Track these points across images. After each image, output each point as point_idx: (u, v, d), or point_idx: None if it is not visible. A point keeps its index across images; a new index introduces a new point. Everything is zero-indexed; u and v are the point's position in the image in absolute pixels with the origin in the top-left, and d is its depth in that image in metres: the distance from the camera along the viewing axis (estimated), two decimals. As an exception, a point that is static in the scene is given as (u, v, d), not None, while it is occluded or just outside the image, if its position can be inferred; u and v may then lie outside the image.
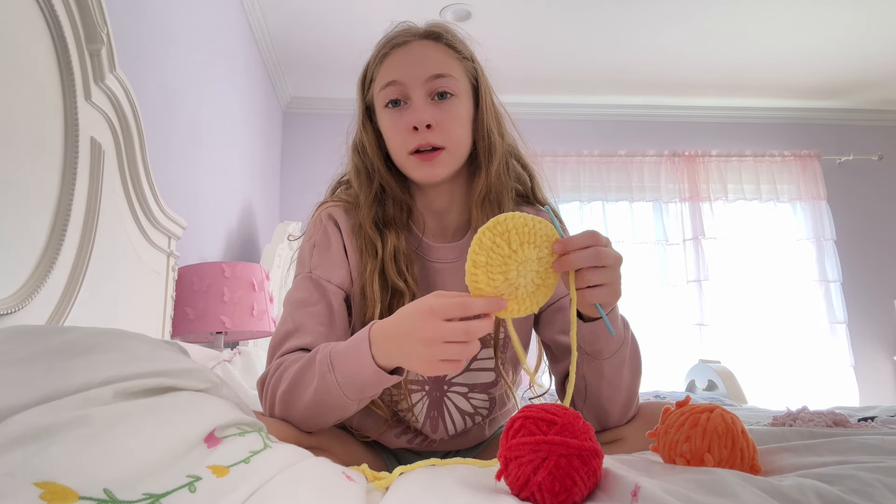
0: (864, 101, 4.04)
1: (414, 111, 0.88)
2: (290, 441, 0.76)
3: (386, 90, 0.91)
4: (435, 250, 0.97)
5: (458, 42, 0.96)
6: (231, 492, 0.41)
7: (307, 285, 0.93)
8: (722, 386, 2.77)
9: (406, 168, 0.92)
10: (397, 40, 0.93)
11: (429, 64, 0.90)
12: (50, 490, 0.35)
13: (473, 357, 0.95)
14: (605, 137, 4.02)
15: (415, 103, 0.89)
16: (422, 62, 0.90)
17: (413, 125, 0.88)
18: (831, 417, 0.97)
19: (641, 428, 0.84)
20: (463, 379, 0.96)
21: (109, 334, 0.51)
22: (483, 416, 0.99)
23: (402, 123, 0.89)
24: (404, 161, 0.91)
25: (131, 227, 1.48)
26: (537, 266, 0.69)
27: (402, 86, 0.90)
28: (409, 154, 0.90)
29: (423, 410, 0.96)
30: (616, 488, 0.52)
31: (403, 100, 0.91)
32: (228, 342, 2.26)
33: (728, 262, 3.86)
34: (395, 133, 0.91)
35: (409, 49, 0.92)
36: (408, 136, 0.89)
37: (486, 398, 0.98)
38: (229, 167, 2.67)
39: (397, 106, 0.91)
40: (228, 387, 0.56)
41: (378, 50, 0.95)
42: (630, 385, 0.86)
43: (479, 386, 0.97)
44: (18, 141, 1.03)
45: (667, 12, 3.10)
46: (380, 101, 0.93)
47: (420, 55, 0.91)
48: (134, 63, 1.61)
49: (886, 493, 0.48)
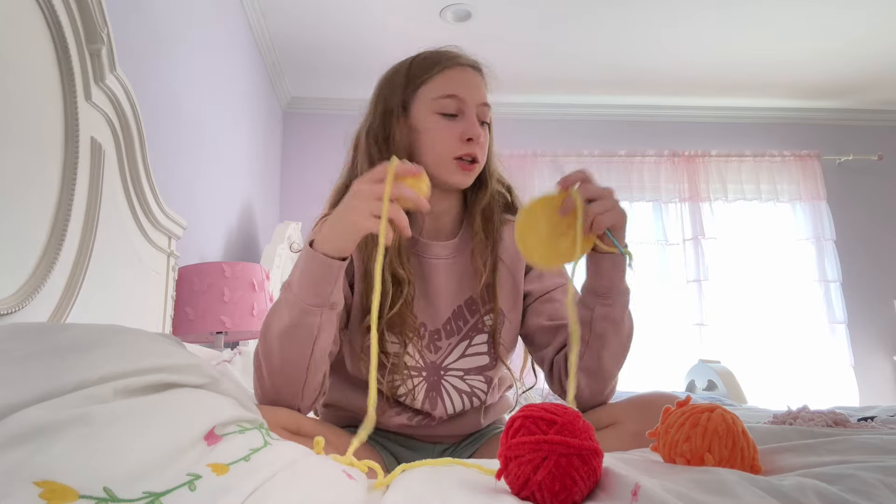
0: (863, 101, 4.04)
1: (471, 125, 1.00)
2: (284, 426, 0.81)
3: (445, 100, 1.00)
4: (431, 247, 1.06)
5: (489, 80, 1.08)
6: (231, 490, 0.41)
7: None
8: (722, 386, 2.77)
9: (443, 169, 1.00)
10: (458, 60, 1.04)
11: (481, 92, 1.03)
12: (50, 489, 0.35)
13: (469, 342, 1.05)
14: (605, 137, 4.02)
15: (470, 119, 1.00)
16: (477, 88, 1.03)
17: (469, 136, 0.98)
18: (831, 417, 0.97)
19: (635, 413, 0.90)
20: (459, 364, 1.05)
21: (108, 330, 0.51)
22: (480, 398, 1.07)
23: (457, 132, 0.99)
24: (446, 163, 1.00)
25: (131, 227, 1.48)
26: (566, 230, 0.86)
27: (461, 102, 1.00)
28: (453, 158, 0.99)
29: (422, 392, 1.03)
30: (616, 487, 0.52)
31: (457, 114, 1.00)
32: (228, 342, 2.25)
33: (728, 262, 3.86)
34: (444, 138, 0.99)
35: (468, 73, 1.04)
36: (460, 143, 0.99)
37: (483, 380, 1.06)
38: (229, 167, 2.67)
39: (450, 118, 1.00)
40: (229, 380, 0.56)
41: (437, 60, 1.04)
42: (629, 334, 0.99)
43: (474, 369, 1.05)
44: (18, 141, 1.03)
45: (667, 13, 3.10)
46: (432, 106, 1.01)
47: (476, 82, 1.04)
48: (134, 63, 1.61)
49: (887, 493, 0.48)
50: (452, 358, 1.05)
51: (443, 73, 1.02)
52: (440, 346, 1.04)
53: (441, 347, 1.04)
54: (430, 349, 1.04)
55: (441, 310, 1.04)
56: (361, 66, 3.50)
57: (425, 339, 1.03)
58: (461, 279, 1.06)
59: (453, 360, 1.05)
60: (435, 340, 1.04)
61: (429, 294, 1.04)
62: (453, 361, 1.04)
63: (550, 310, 1.08)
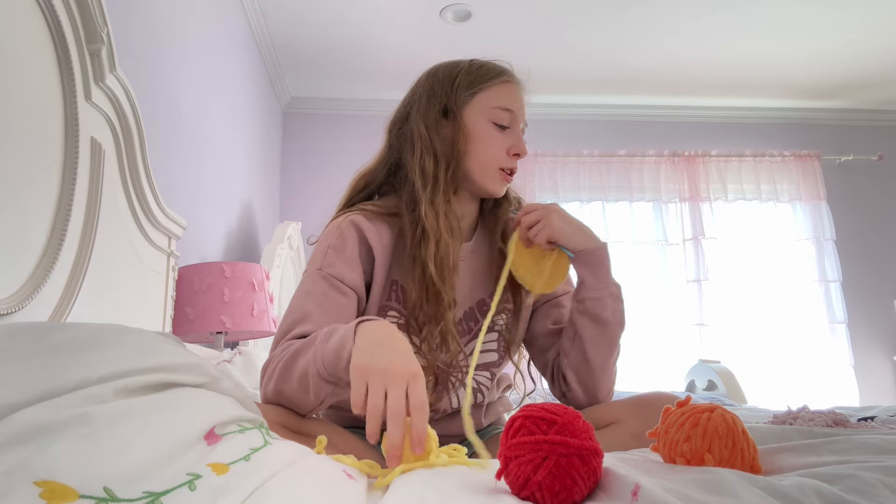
0: (863, 101, 4.03)
1: (520, 141, 1.06)
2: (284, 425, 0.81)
3: (502, 112, 1.05)
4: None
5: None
6: (231, 490, 0.41)
7: (317, 280, 0.98)
8: (722, 386, 2.77)
9: (486, 176, 1.05)
10: (515, 77, 1.09)
11: (525, 112, 1.09)
12: (50, 488, 0.35)
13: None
14: (605, 137, 4.02)
15: (518, 134, 1.06)
16: (525, 107, 1.09)
17: (517, 151, 1.05)
18: (831, 417, 0.97)
19: (634, 412, 0.91)
20: (468, 361, 1.06)
21: (107, 330, 0.51)
22: (483, 393, 1.09)
23: (508, 144, 1.04)
24: (491, 171, 1.04)
25: (131, 227, 1.48)
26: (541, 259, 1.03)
27: (514, 116, 1.05)
28: (498, 168, 1.04)
29: (430, 386, 1.03)
30: (616, 487, 0.52)
31: (508, 126, 1.05)
32: (228, 342, 2.25)
33: (728, 262, 3.86)
34: (495, 147, 1.04)
35: (521, 90, 1.09)
36: (507, 156, 1.04)
37: (489, 375, 1.09)
38: (229, 167, 2.67)
39: (501, 129, 1.05)
40: (229, 379, 0.56)
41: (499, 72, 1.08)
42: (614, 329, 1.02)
43: (481, 366, 1.08)
44: (18, 141, 1.03)
45: (666, 13, 3.10)
46: (488, 115, 1.05)
47: (524, 101, 1.09)
48: (134, 63, 1.61)
49: (887, 493, 0.48)
50: (462, 356, 1.06)
51: (503, 85, 1.06)
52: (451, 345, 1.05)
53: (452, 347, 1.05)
54: (441, 349, 1.04)
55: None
56: (361, 66, 3.50)
57: (437, 339, 1.04)
58: (474, 281, 1.08)
59: (463, 358, 1.07)
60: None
61: None
62: (463, 359, 1.07)
63: (556, 314, 1.11)
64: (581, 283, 1.02)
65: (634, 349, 3.53)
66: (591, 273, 1.01)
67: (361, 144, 1.23)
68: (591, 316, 1.01)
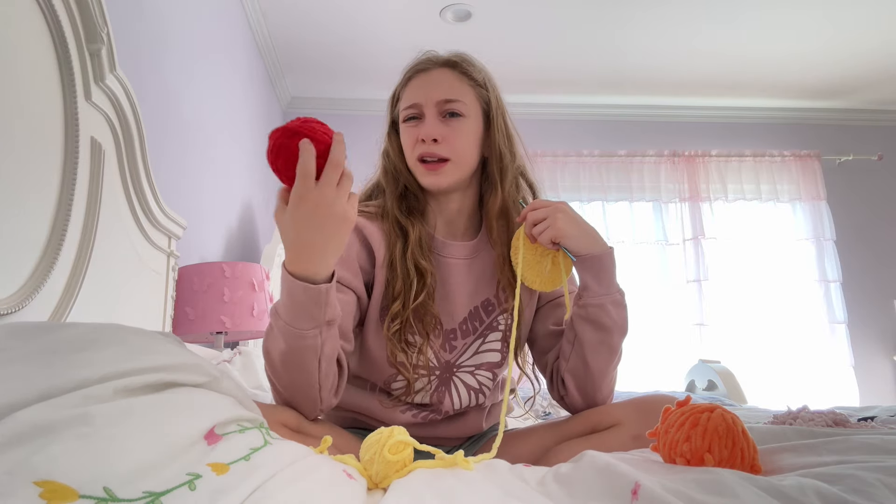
0: (863, 101, 4.04)
1: (423, 127, 1.03)
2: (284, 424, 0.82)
3: (408, 111, 1.06)
4: (448, 247, 1.08)
5: (473, 70, 1.08)
6: (231, 490, 0.41)
7: None
8: (722, 386, 2.78)
9: (416, 174, 1.06)
10: (419, 66, 1.08)
11: (442, 89, 1.04)
12: (49, 489, 0.35)
13: (483, 340, 1.08)
14: (605, 137, 4.02)
15: (426, 120, 1.04)
16: (437, 87, 1.04)
17: (421, 137, 1.02)
18: (831, 417, 0.97)
19: (635, 415, 0.91)
20: (472, 361, 1.07)
21: (108, 329, 0.50)
22: (485, 394, 1.09)
23: (414, 135, 1.04)
24: (414, 167, 1.05)
25: (131, 226, 1.48)
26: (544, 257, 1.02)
27: (418, 107, 1.04)
28: (417, 161, 1.04)
29: (433, 386, 1.05)
30: (616, 486, 0.52)
31: (419, 117, 1.05)
32: (228, 342, 2.25)
33: (728, 262, 3.86)
34: (408, 144, 1.06)
35: (429, 75, 1.06)
36: (417, 145, 1.03)
37: (490, 376, 1.09)
38: (229, 167, 2.67)
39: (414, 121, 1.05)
40: (229, 379, 0.56)
41: (404, 74, 1.09)
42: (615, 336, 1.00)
43: (485, 365, 1.08)
44: (19, 141, 1.03)
45: (666, 13, 3.10)
46: (402, 117, 1.07)
47: (437, 80, 1.05)
48: (134, 63, 1.61)
49: (887, 493, 0.48)
50: (466, 356, 1.07)
51: (406, 86, 1.08)
52: (455, 345, 1.06)
53: (456, 347, 1.06)
54: (445, 349, 1.05)
55: (458, 310, 1.06)
56: (361, 66, 3.50)
57: (440, 339, 1.04)
58: (479, 281, 1.08)
59: (467, 358, 1.07)
60: (450, 340, 1.06)
61: (446, 294, 1.06)
62: (467, 359, 1.07)
63: (559, 315, 1.10)
64: (584, 288, 1.00)
65: (634, 349, 3.53)
66: (595, 278, 0.98)
67: (361, 144, 1.23)
68: (593, 322, 0.99)
